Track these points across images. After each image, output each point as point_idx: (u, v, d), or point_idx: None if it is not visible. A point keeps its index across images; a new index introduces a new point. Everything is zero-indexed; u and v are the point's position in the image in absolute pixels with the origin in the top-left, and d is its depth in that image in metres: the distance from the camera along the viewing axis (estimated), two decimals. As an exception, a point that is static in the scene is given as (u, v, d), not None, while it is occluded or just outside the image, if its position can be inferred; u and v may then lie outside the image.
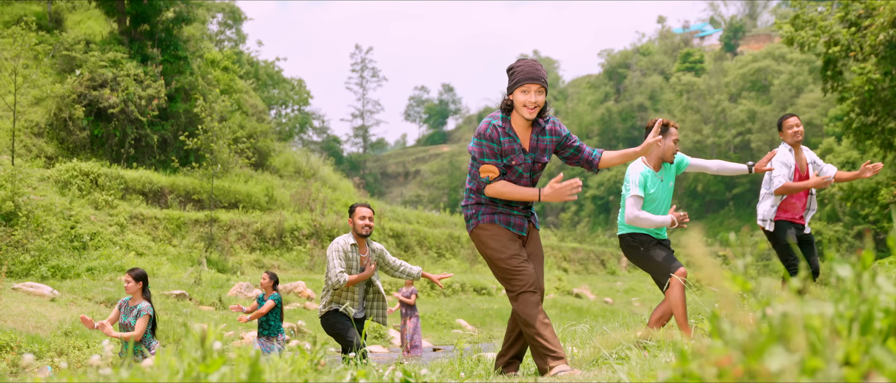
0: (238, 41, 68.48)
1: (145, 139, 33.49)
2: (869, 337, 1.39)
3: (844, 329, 1.43)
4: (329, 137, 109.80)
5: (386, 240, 37.89)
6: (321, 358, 2.83)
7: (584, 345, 7.37)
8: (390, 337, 21.92)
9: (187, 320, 19.69)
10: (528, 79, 6.07)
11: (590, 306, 33.46)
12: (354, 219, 9.09)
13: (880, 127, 26.97)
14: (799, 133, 9.33)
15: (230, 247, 31.79)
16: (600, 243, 68.64)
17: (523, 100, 6.06)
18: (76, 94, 32.18)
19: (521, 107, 6.09)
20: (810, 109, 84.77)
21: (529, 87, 6.07)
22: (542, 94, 6.10)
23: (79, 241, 26.77)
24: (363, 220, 9.07)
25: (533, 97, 6.06)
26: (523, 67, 6.12)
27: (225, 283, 24.80)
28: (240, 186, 34.97)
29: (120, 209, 29.56)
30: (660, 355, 4.71)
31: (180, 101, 35.05)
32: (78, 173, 29.73)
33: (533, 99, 6.06)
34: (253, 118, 41.30)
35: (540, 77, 6.08)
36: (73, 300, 19.86)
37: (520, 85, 6.08)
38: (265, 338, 12.86)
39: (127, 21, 35.72)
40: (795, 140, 9.32)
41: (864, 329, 1.39)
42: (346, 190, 43.23)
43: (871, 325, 1.38)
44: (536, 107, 6.09)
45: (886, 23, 24.66)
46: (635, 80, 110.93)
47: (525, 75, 6.08)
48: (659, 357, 4.60)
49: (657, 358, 4.58)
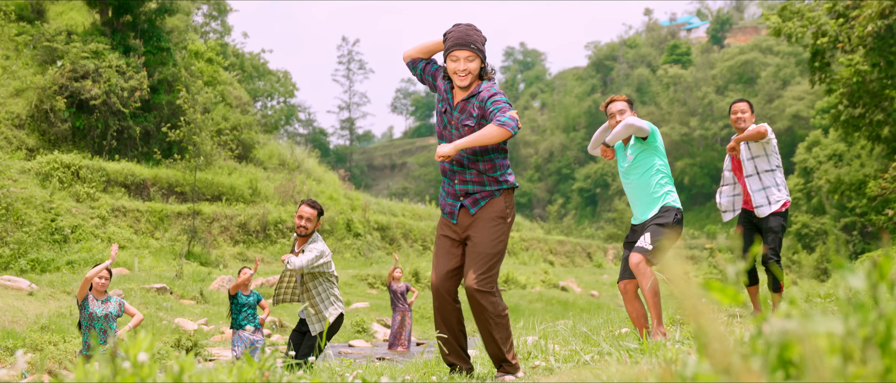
0: (223, 33, 68.04)
1: (127, 131, 33.13)
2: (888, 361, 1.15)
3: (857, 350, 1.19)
4: (315, 130, 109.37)
5: (371, 233, 37.65)
6: (270, 366, 2.58)
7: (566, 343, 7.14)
8: (374, 331, 21.66)
9: (167, 315, 19.43)
10: (456, 45, 5.69)
11: (576, 299, 33.27)
12: (296, 216, 8.75)
13: (868, 119, 26.80)
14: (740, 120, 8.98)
15: (213, 239, 31.51)
16: (587, 236, 68.52)
17: (452, 68, 5.71)
18: (58, 85, 31.80)
19: (453, 74, 5.73)
20: (797, 102, 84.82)
21: (458, 54, 5.69)
22: (472, 60, 5.70)
23: (59, 234, 26.47)
24: (300, 220, 8.68)
25: (462, 65, 5.68)
26: (452, 33, 5.75)
27: (207, 277, 24.53)
28: (223, 179, 34.66)
29: (102, 201, 29.27)
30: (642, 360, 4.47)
31: (163, 93, 34.68)
32: (59, 165, 29.42)
33: (462, 66, 5.68)
34: (237, 110, 40.97)
35: (468, 42, 5.69)
36: (52, 294, 19.57)
37: (448, 53, 5.73)
38: (253, 330, 12.50)
39: (109, 12, 35.30)
40: (738, 127, 9.01)
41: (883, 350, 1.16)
42: (331, 182, 42.93)
43: (891, 346, 1.15)
44: (468, 73, 5.69)
45: (874, 14, 24.48)
46: (622, 73, 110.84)
47: (453, 41, 5.71)
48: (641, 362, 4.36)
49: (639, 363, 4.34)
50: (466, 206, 5.77)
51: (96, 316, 10.14)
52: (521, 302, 30.47)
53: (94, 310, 10.16)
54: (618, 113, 7.34)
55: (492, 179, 5.76)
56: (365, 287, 29.21)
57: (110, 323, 10.18)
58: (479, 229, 5.73)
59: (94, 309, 10.17)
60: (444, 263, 5.80)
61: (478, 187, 5.77)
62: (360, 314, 23.43)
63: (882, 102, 26.12)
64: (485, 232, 5.72)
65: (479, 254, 5.66)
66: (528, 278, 36.04)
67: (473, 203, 5.76)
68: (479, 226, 5.75)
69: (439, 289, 5.77)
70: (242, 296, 12.51)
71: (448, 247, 5.84)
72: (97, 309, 10.16)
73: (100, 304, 10.20)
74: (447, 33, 5.78)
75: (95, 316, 10.14)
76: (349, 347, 19.38)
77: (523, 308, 29.69)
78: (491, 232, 5.72)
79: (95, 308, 10.18)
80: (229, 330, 13.01)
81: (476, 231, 5.74)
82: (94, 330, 10.11)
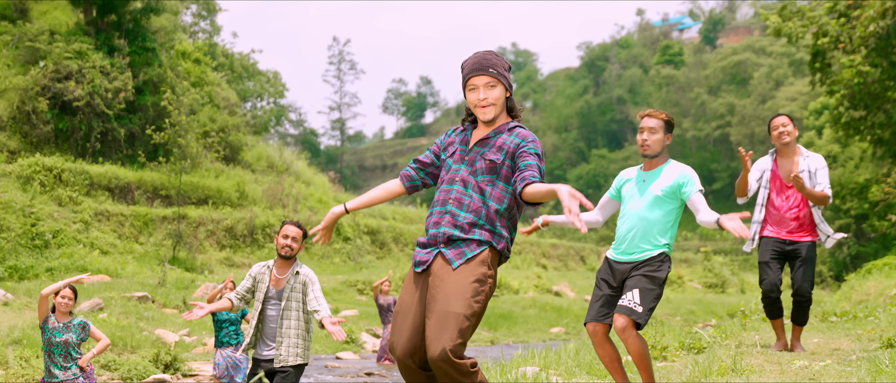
0: (212, 33, 67.30)
1: (112, 133, 32.41)
2: None
3: None
4: (306, 130, 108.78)
5: (361, 237, 36.98)
6: None
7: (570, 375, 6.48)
8: (362, 342, 20.97)
9: (148, 325, 18.74)
10: (473, 71, 4.91)
11: (570, 305, 32.68)
12: (278, 237, 7.94)
13: (869, 121, 26.20)
14: (784, 134, 8.15)
15: (199, 244, 30.84)
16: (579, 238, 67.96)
17: (473, 100, 4.95)
18: (40, 86, 31.08)
19: (475, 109, 4.96)
20: (790, 102, 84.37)
21: (476, 80, 4.92)
22: (494, 87, 4.93)
23: (40, 239, 25.78)
24: (285, 239, 7.87)
25: (482, 93, 4.91)
26: (468, 61, 4.98)
27: (191, 284, 23.80)
28: (210, 181, 33.99)
29: (84, 205, 28.59)
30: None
31: (148, 94, 33.94)
32: (41, 168, 28.74)
33: (482, 95, 4.91)
34: (224, 111, 40.23)
35: (486, 66, 4.91)
36: (29, 304, 18.84)
37: (466, 83, 4.97)
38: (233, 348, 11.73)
39: (93, 11, 34.59)
40: (781, 142, 8.20)
41: None
42: (320, 184, 42.25)
43: None
44: (491, 104, 4.92)
45: (876, 13, 23.91)
46: (614, 73, 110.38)
47: (470, 68, 4.93)
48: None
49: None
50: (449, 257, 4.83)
51: (54, 342, 9.35)
52: (514, 309, 29.89)
53: (51, 336, 9.35)
54: (648, 130, 6.26)
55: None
56: (354, 293, 28.56)
57: (71, 349, 9.39)
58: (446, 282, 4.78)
59: (52, 334, 9.37)
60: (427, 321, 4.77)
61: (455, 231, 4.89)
62: (348, 323, 22.74)
63: (884, 104, 25.53)
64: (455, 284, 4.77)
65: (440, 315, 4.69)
66: (520, 283, 35.46)
67: (455, 253, 4.84)
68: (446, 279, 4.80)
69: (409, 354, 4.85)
70: (223, 312, 11.68)
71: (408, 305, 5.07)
72: (56, 335, 9.32)
73: (61, 328, 9.37)
74: (463, 64, 5.03)
75: (54, 342, 9.36)
76: (336, 360, 18.71)
77: (516, 314, 29.10)
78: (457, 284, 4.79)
79: (54, 332, 9.37)
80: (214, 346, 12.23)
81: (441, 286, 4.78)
82: (53, 356, 9.35)
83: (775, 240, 8.16)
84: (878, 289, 15.19)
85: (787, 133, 8.13)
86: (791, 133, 8.13)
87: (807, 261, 8.08)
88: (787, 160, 8.20)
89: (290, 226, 7.96)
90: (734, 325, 9.85)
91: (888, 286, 14.77)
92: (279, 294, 7.89)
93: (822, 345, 8.38)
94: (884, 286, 15.09)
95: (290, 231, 7.91)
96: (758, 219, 8.27)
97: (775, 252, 8.13)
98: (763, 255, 8.14)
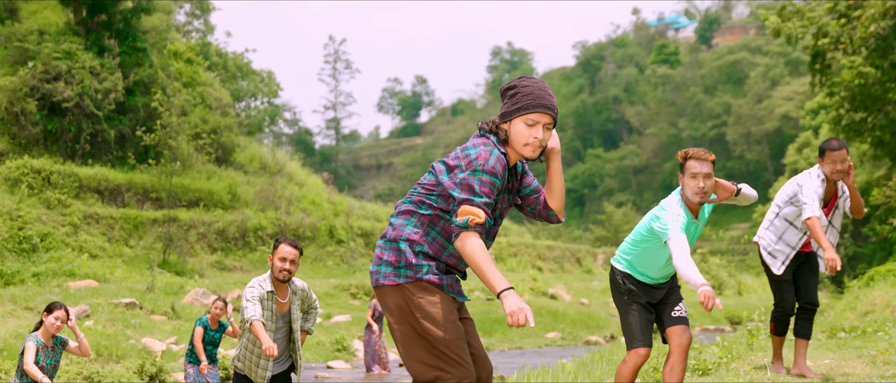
0: (206, 32, 66.84)
1: (102, 134, 31.94)
2: None
3: None
4: (301, 129, 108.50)
5: (354, 240, 36.56)
6: None
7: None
8: (354, 350, 20.54)
9: (135, 333, 18.32)
10: (541, 106, 4.38)
11: (566, 309, 32.27)
12: (274, 258, 7.33)
13: (870, 124, 25.80)
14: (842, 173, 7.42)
15: (190, 247, 30.44)
16: (574, 238, 67.63)
17: (528, 135, 4.38)
18: (29, 87, 30.62)
19: (523, 145, 4.40)
20: (786, 102, 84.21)
21: (538, 117, 4.38)
22: (550, 129, 4.44)
23: (27, 243, 25.37)
24: (283, 263, 7.28)
25: (541, 132, 4.39)
26: (533, 90, 4.42)
27: (180, 289, 23.36)
28: (201, 183, 33.57)
29: (73, 208, 28.20)
30: None
31: (139, 95, 33.48)
32: (29, 170, 28.34)
33: (541, 134, 4.39)
34: (217, 112, 39.76)
35: (553, 106, 4.42)
36: (13, 311, 18.38)
37: (526, 111, 4.39)
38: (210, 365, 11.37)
39: (83, 11, 34.12)
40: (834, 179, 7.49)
41: None
42: (313, 186, 41.78)
43: None
44: (542, 148, 4.44)
45: (877, 13, 23.53)
46: (610, 72, 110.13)
47: (536, 100, 4.39)
48: None
49: None
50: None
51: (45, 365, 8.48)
52: (509, 313, 29.44)
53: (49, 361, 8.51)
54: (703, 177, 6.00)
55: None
56: (347, 298, 28.16)
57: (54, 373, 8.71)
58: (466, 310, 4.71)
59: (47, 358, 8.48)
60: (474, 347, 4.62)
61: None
62: (340, 330, 22.33)
63: (885, 106, 25.15)
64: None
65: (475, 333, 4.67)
66: (516, 286, 35.05)
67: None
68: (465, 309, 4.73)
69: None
70: (210, 331, 11.35)
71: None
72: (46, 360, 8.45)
73: (48, 351, 8.47)
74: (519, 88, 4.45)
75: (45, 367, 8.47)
76: (328, 369, 18.30)
77: (512, 319, 28.67)
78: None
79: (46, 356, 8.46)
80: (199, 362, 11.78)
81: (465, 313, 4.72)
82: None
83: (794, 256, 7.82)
84: (884, 300, 14.87)
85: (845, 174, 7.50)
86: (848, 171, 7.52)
87: (815, 268, 7.77)
88: (829, 187, 7.64)
89: (286, 246, 7.35)
90: (740, 344, 9.43)
91: (894, 296, 14.46)
92: (284, 316, 7.51)
93: (835, 369, 7.97)
94: (890, 296, 14.77)
95: (287, 253, 7.32)
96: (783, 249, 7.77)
97: (792, 267, 7.77)
98: (785, 273, 7.73)
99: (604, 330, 29.75)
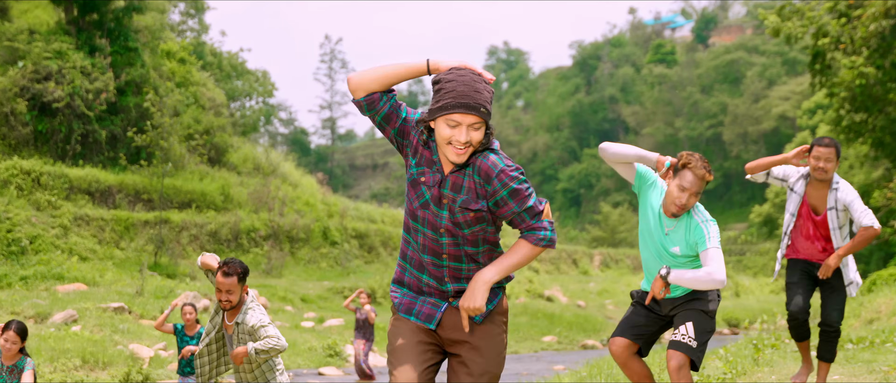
0: (201, 31, 66.46)
1: (93, 135, 31.56)
2: None
3: None
4: (296, 129, 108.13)
5: (349, 241, 36.20)
6: None
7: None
8: (347, 356, 20.16)
9: (123, 338, 17.96)
10: (461, 106, 3.78)
11: (562, 311, 31.96)
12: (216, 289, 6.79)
13: (871, 125, 25.45)
14: (824, 170, 7.27)
15: (182, 249, 30.07)
16: (570, 238, 67.34)
17: (448, 136, 3.82)
18: (18, 87, 30.23)
19: (445, 144, 3.84)
20: (783, 102, 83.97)
21: (459, 117, 3.80)
22: (478, 128, 3.82)
23: (16, 246, 24.99)
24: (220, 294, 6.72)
25: (464, 135, 3.80)
26: (455, 86, 3.81)
27: (170, 293, 22.97)
28: (194, 184, 33.20)
29: (64, 210, 27.82)
30: None
31: (131, 95, 33.12)
32: (18, 172, 27.94)
33: (464, 137, 3.80)
34: (210, 112, 39.38)
35: (477, 104, 3.77)
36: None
37: (446, 111, 3.81)
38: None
39: (74, 10, 33.74)
40: (817, 177, 7.35)
41: None
42: (308, 186, 41.40)
43: None
44: (468, 148, 3.83)
45: (878, 13, 23.19)
46: (606, 72, 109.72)
47: (457, 99, 3.78)
48: None
49: None
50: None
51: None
52: (504, 316, 29.12)
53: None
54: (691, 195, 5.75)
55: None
56: (340, 301, 27.79)
57: None
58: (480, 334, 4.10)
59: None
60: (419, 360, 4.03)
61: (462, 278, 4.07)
62: (332, 335, 21.97)
63: (885, 107, 24.81)
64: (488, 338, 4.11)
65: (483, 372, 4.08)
66: (512, 287, 34.71)
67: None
68: (478, 331, 4.11)
69: None
70: (187, 337, 11.07)
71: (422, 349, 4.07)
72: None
73: (4, 372, 7.98)
74: (443, 83, 3.88)
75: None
76: (319, 376, 17.93)
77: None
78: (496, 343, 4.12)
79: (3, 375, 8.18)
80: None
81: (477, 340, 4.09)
82: None
83: (805, 262, 7.55)
84: (889, 307, 14.56)
85: (827, 170, 7.32)
86: (830, 170, 7.33)
87: (837, 289, 7.46)
88: (819, 191, 7.45)
89: (220, 275, 6.72)
90: (745, 358, 9.09)
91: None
92: (229, 338, 7.11)
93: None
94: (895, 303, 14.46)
95: (222, 283, 6.70)
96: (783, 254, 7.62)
97: (804, 273, 7.52)
98: (791, 276, 7.53)
99: (601, 333, 29.41)
